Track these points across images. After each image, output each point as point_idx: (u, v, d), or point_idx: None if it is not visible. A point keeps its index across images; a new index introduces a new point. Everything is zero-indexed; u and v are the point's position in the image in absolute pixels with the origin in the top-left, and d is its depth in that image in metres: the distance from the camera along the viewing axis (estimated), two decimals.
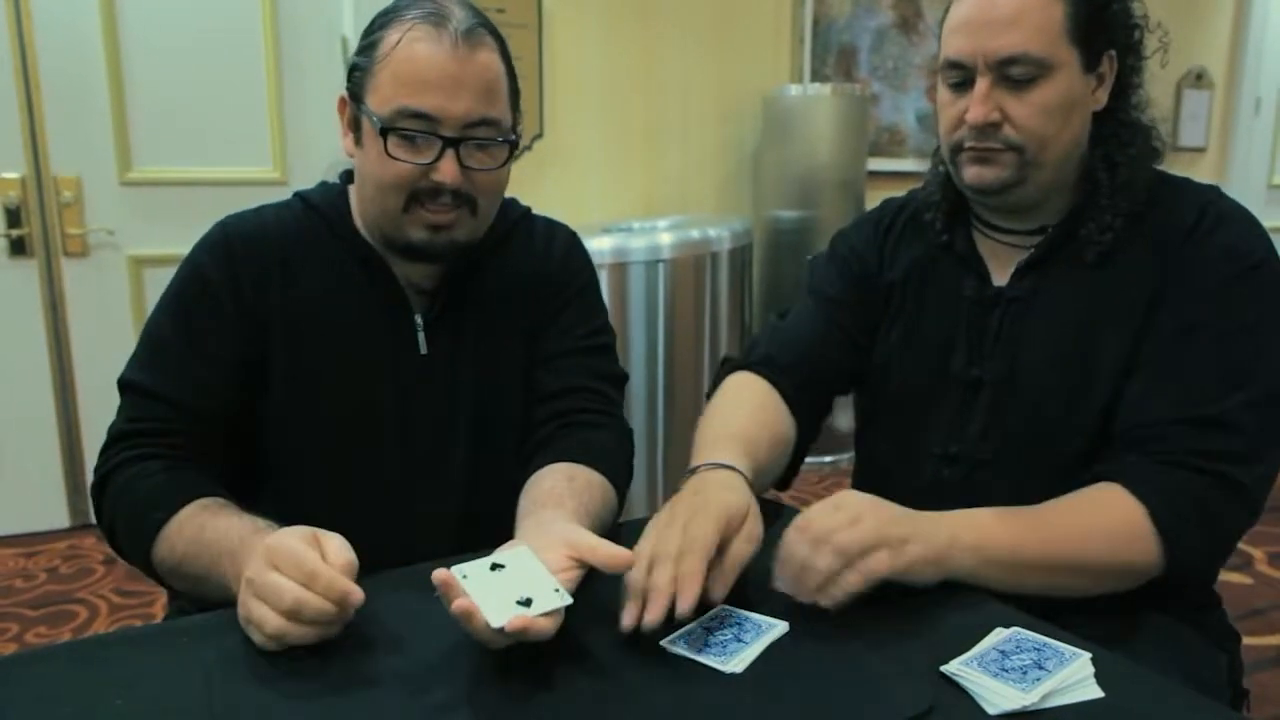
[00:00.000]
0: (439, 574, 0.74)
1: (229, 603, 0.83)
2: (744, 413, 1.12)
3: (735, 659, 0.77)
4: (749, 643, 0.79)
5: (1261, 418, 0.96)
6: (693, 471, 0.98)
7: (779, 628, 0.81)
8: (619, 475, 1.09)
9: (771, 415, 1.13)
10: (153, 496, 0.97)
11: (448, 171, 0.99)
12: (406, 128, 0.98)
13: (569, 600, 0.75)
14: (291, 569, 0.76)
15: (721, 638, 0.80)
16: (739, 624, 0.82)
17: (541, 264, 1.17)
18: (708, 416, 1.13)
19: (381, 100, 0.99)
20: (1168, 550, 0.92)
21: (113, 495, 1.00)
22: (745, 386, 1.17)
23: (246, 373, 1.05)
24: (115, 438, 1.03)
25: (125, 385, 1.05)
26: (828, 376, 1.21)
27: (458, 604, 0.72)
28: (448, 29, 0.97)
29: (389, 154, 0.99)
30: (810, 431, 1.19)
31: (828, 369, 1.20)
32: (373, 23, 1.03)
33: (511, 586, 0.75)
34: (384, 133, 0.98)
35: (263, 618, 0.76)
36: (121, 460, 1.01)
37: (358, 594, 0.76)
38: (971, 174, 1.05)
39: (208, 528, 0.91)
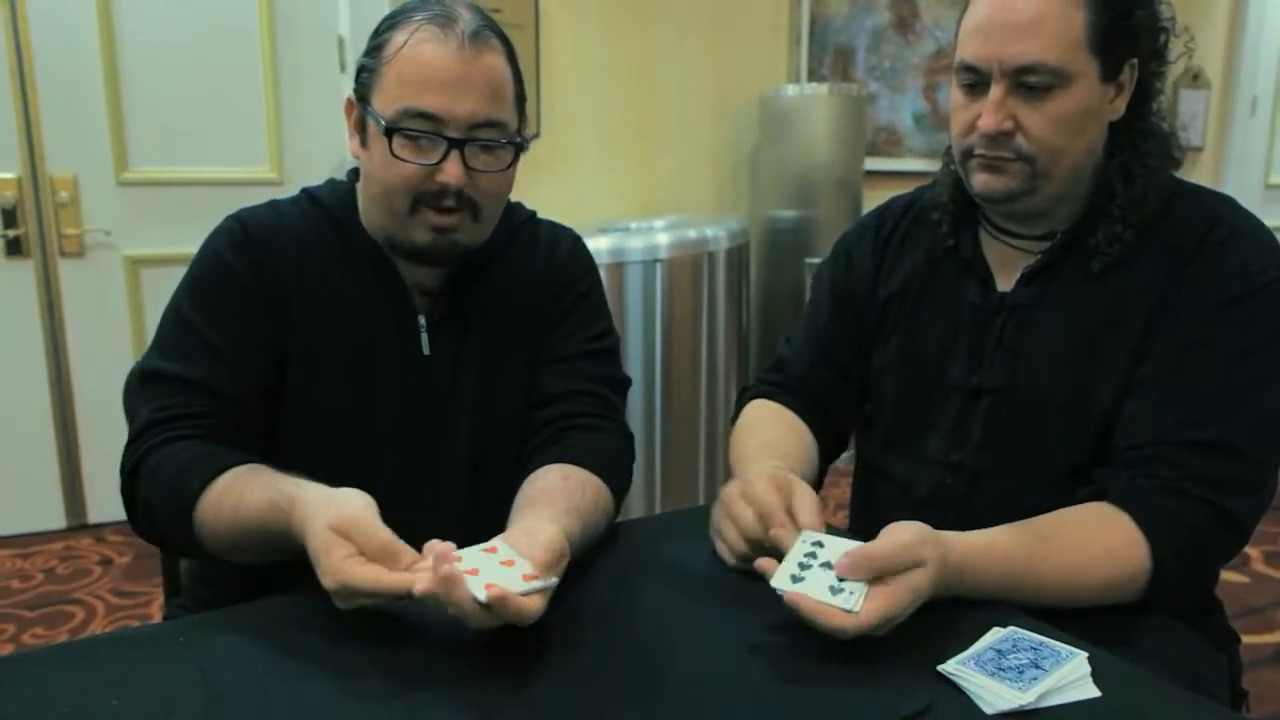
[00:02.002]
0: (433, 545, 0.76)
1: (283, 560, 0.85)
2: (769, 428, 1.19)
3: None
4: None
5: (1263, 443, 0.95)
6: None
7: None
8: (615, 478, 1.08)
9: (795, 426, 1.21)
10: (193, 463, 0.94)
11: (452, 172, 0.99)
12: (411, 128, 0.98)
13: (552, 581, 0.77)
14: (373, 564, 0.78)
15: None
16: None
17: (545, 267, 1.17)
18: (738, 437, 1.20)
19: (387, 101, 0.99)
20: (1155, 579, 0.92)
21: (147, 474, 0.97)
22: (765, 408, 1.24)
23: (270, 361, 1.04)
24: (144, 427, 1.00)
25: (149, 375, 1.03)
26: (832, 399, 1.24)
27: (444, 570, 0.73)
28: (454, 30, 0.98)
29: (394, 154, 0.98)
30: (834, 445, 1.26)
31: (829, 394, 1.24)
32: (380, 25, 1.03)
33: (496, 569, 0.77)
34: (389, 133, 0.98)
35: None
36: (153, 445, 0.98)
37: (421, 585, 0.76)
38: (980, 181, 1.04)
39: (260, 475, 0.92)
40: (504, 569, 0.77)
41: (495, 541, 0.82)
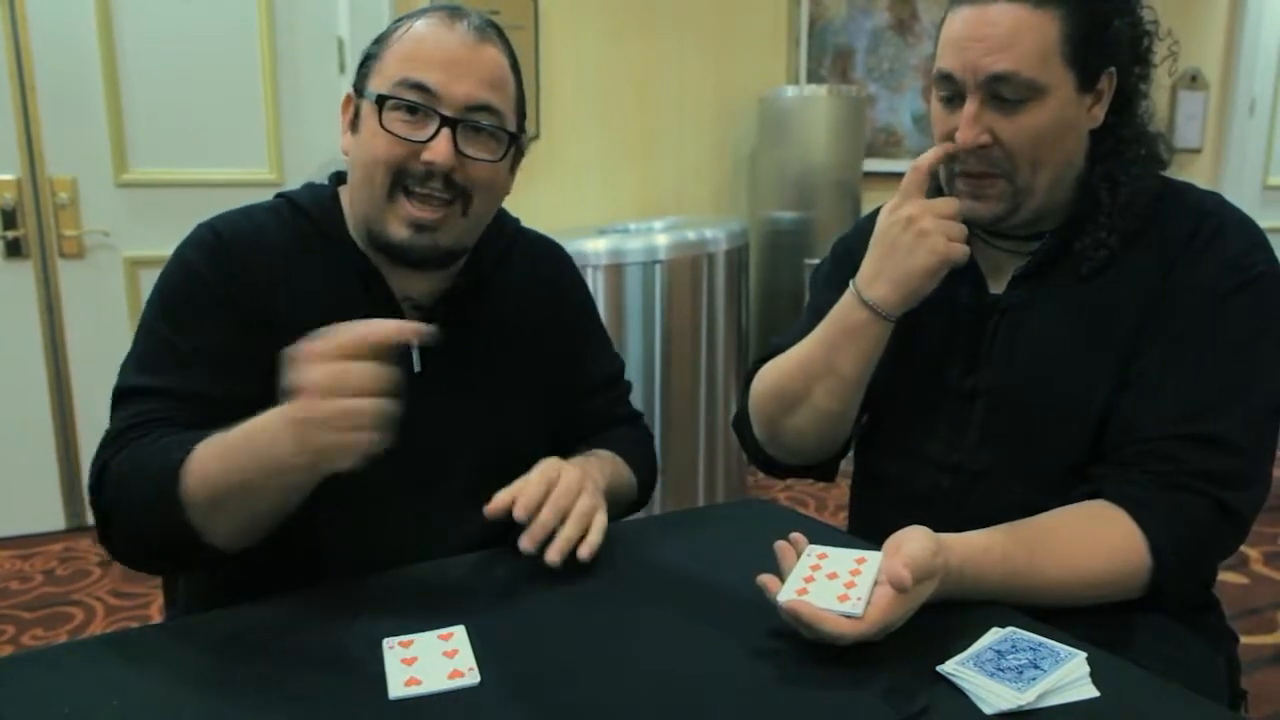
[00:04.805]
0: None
1: (283, 502, 0.86)
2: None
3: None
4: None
5: (1258, 435, 0.95)
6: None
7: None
8: (635, 460, 1.18)
9: None
10: (169, 445, 0.88)
11: (440, 150, 0.95)
12: (405, 97, 0.96)
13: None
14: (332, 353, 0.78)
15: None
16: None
17: (548, 287, 1.17)
18: (773, 369, 1.18)
19: (385, 79, 0.98)
20: (1156, 574, 0.92)
21: (118, 472, 0.90)
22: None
23: (248, 367, 0.97)
24: (116, 434, 0.94)
25: (123, 393, 0.97)
26: None
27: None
28: (461, 21, 0.99)
29: (383, 126, 0.96)
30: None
31: None
32: (388, 27, 1.03)
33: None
34: (380, 101, 0.96)
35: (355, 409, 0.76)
36: (127, 444, 0.92)
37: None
38: (965, 207, 1.04)
39: (229, 433, 0.85)
40: (444, 659, 0.77)
41: (453, 627, 0.81)
